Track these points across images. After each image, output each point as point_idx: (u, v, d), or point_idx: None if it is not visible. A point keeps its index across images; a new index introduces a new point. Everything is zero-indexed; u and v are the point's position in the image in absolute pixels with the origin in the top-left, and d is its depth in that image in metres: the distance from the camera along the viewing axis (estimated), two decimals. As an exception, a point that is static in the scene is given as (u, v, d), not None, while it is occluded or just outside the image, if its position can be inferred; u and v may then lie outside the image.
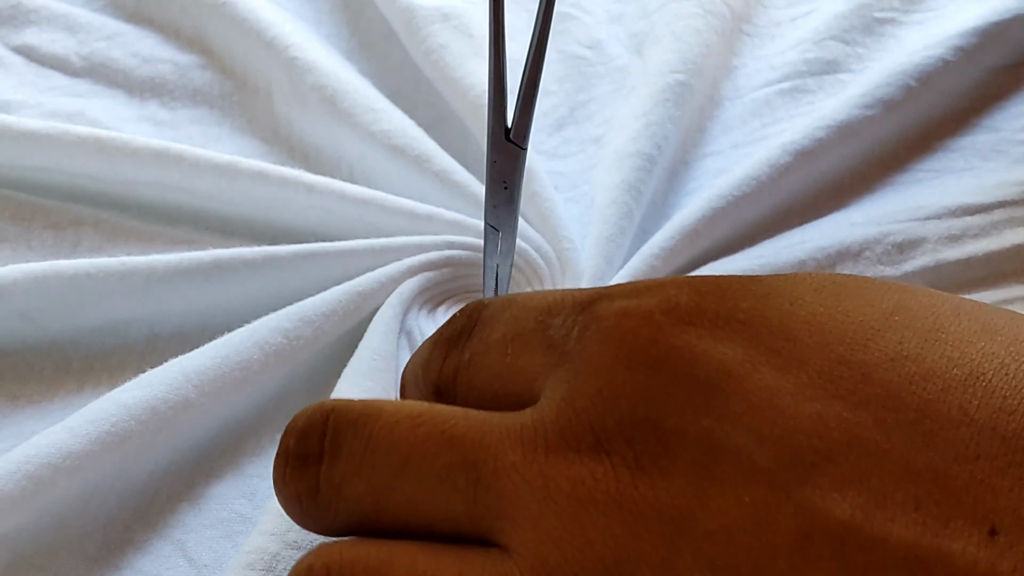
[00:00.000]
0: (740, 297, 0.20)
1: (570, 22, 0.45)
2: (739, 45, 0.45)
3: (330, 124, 0.39)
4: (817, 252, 0.34)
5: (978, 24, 0.41)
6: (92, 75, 0.43)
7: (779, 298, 0.19)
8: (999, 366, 0.18)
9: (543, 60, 0.26)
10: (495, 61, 0.26)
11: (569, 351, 0.20)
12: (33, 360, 0.33)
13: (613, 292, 0.21)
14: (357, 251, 0.34)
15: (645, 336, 0.19)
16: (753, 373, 0.18)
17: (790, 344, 0.19)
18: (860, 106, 0.38)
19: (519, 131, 0.27)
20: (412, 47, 0.42)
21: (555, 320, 0.21)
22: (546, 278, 0.34)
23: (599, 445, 0.19)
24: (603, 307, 0.20)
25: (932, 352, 0.18)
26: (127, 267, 0.32)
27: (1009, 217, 0.35)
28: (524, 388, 0.21)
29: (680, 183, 0.39)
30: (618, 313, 0.20)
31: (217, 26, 0.43)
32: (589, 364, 0.20)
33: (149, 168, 0.36)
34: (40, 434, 0.27)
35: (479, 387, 0.23)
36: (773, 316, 0.19)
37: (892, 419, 0.17)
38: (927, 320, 0.19)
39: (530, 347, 0.21)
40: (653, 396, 0.19)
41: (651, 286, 0.21)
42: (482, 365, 0.23)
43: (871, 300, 0.19)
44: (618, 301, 0.20)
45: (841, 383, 0.18)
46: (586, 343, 0.20)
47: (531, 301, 0.22)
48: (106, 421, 0.27)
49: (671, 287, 0.20)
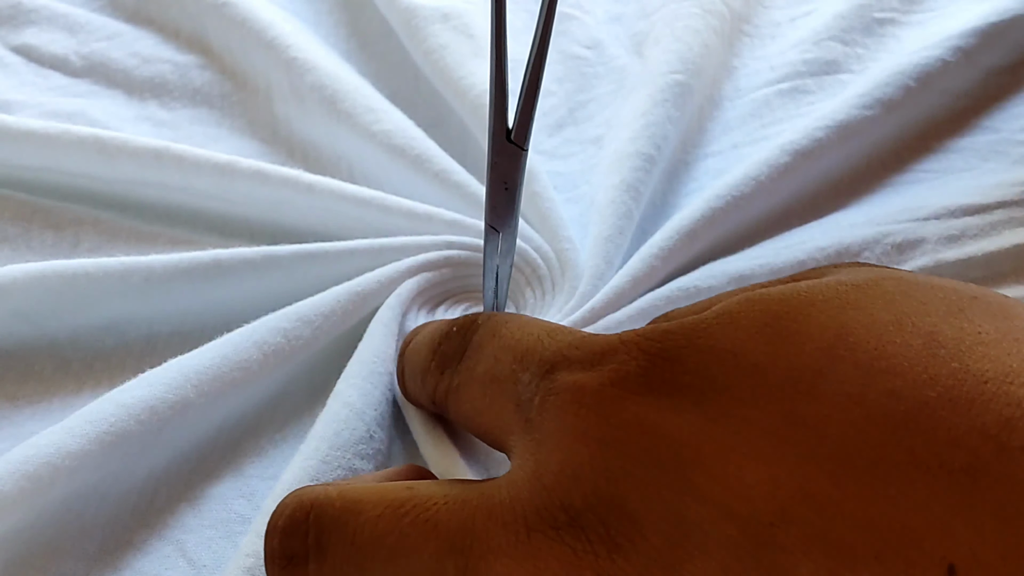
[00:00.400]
0: (686, 356, 0.20)
1: (570, 22, 0.45)
2: (739, 45, 0.45)
3: (329, 124, 0.39)
4: (817, 252, 0.34)
5: (977, 24, 0.41)
6: (92, 75, 0.43)
7: (722, 351, 0.20)
8: (942, 391, 0.17)
9: (545, 61, 0.26)
10: (496, 62, 0.26)
11: (533, 419, 0.21)
12: (32, 360, 0.33)
13: (572, 358, 0.21)
14: (357, 251, 0.34)
15: (596, 414, 0.20)
16: (706, 441, 0.19)
17: (736, 404, 0.19)
18: (859, 106, 0.38)
19: (520, 132, 0.27)
20: (412, 47, 0.42)
21: (524, 376, 0.22)
22: (546, 278, 0.34)
23: (574, 522, 0.19)
24: (561, 377, 0.21)
25: (875, 387, 0.18)
26: (126, 267, 0.32)
27: (1008, 218, 0.35)
28: (498, 436, 0.22)
29: (680, 183, 0.39)
30: (572, 388, 0.20)
31: (217, 26, 0.43)
32: (550, 439, 0.20)
33: (149, 168, 0.36)
34: (39, 434, 0.27)
35: (464, 416, 0.24)
36: (717, 374, 0.19)
37: (843, 470, 0.17)
38: (868, 347, 0.18)
39: (504, 395, 0.22)
40: (613, 474, 0.19)
41: (606, 351, 0.21)
42: (466, 398, 0.24)
43: (812, 334, 0.19)
44: (575, 372, 0.21)
45: (790, 439, 0.18)
46: (546, 416, 0.21)
47: (510, 340, 0.23)
48: (105, 421, 0.27)
49: (622, 353, 0.21)
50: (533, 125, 0.27)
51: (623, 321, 0.32)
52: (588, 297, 0.33)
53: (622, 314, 0.32)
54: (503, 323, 0.24)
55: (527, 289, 0.34)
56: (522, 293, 0.34)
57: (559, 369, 0.21)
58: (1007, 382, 0.17)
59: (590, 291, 0.33)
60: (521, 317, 0.25)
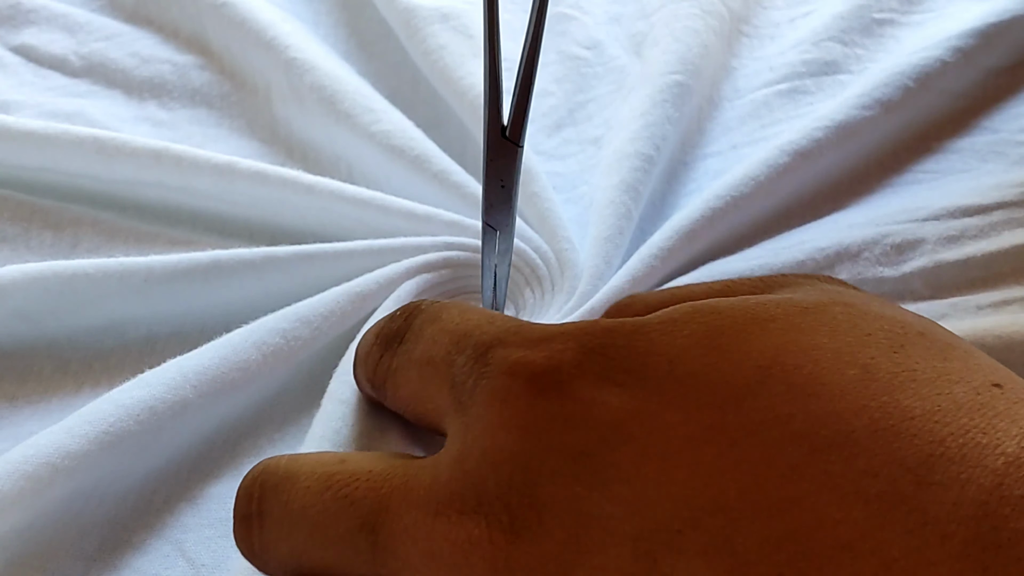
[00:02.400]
0: (622, 355, 0.20)
1: (569, 23, 0.45)
2: (738, 46, 0.45)
3: (329, 124, 0.39)
4: (816, 253, 0.34)
5: (976, 25, 0.41)
6: (91, 75, 0.43)
7: (659, 356, 0.20)
8: (868, 422, 0.18)
9: (538, 57, 0.26)
10: (490, 58, 0.26)
11: (465, 402, 0.21)
12: (31, 360, 0.33)
13: (508, 340, 0.22)
14: (356, 252, 0.34)
15: (525, 400, 0.20)
16: (626, 440, 0.19)
17: (663, 408, 0.19)
18: (858, 107, 0.38)
19: (515, 129, 0.27)
20: (411, 47, 0.42)
21: (459, 359, 0.22)
22: (545, 278, 0.34)
23: (480, 508, 0.19)
24: (496, 358, 0.21)
25: (802, 410, 0.18)
26: (126, 267, 0.32)
27: (1008, 218, 0.35)
28: (434, 419, 0.23)
29: (679, 184, 0.39)
30: (505, 371, 0.21)
31: (216, 26, 0.43)
32: (477, 423, 0.20)
33: (148, 168, 0.36)
34: (38, 434, 0.27)
35: (401, 399, 0.25)
36: (650, 376, 0.19)
37: (756, 487, 0.17)
38: (803, 372, 0.19)
39: (439, 377, 0.23)
40: (529, 462, 0.19)
41: (544, 337, 0.21)
42: (403, 381, 0.24)
43: (751, 352, 0.19)
44: (511, 351, 0.21)
45: (709, 449, 0.18)
46: (477, 399, 0.21)
47: (449, 323, 0.23)
48: (104, 421, 0.27)
49: (559, 341, 0.21)
50: (528, 121, 0.27)
51: (623, 321, 0.32)
52: (587, 297, 0.33)
53: (621, 314, 0.32)
54: (444, 308, 0.24)
55: (526, 289, 0.34)
56: (521, 293, 0.34)
57: (495, 349, 0.21)
58: (933, 420, 0.18)
59: (589, 291, 0.33)
60: (463, 304, 0.25)
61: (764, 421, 0.18)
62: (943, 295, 0.34)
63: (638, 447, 0.19)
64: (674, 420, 0.19)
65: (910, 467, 0.17)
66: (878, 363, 0.19)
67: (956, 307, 0.33)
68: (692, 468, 0.18)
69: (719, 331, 0.20)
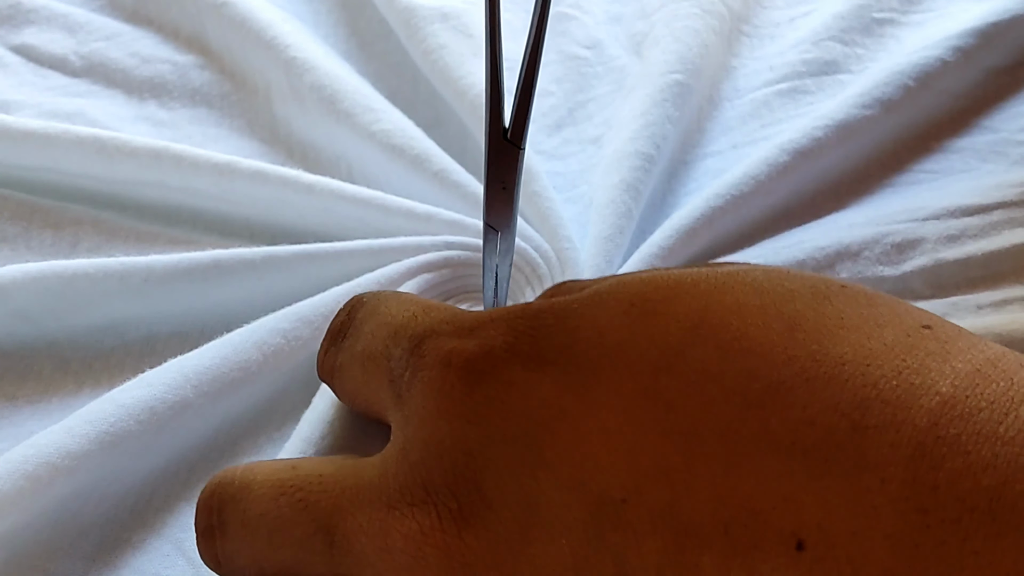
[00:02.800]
0: (553, 333, 0.20)
1: (569, 22, 0.45)
2: (738, 46, 0.45)
3: (329, 124, 0.39)
4: (816, 252, 0.34)
5: (977, 25, 0.41)
6: (91, 75, 0.43)
7: (589, 330, 0.20)
8: (799, 371, 0.18)
9: (540, 58, 0.26)
10: (491, 59, 0.26)
11: (403, 395, 0.21)
12: (31, 360, 0.33)
13: (441, 330, 0.22)
14: (356, 251, 0.34)
15: (460, 388, 0.20)
16: (563, 419, 0.19)
17: (597, 380, 0.19)
18: (859, 106, 0.38)
19: (516, 131, 0.27)
20: (411, 47, 0.42)
21: (396, 351, 0.22)
22: (546, 277, 0.34)
23: (428, 499, 0.20)
24: (429, 349, 0.21)
25: (733, 366, 0.18)
26: (126, 267, 0.32)
27: (1008, 218, 0.35)
28: (379, 412, 0.23)
29: (679, 183, 0.39)
30: (439, 362, 0.21)
31: (216, 26, 0.43)
32: (417, 415, 0.21)
33: (148, 168, 0.36)
34: (38, 434, 0.27)
35: (348, 394, 0.25)
36: (581, 351, 0.20)
37: (696, 446, 0.18)
38: (731, 328, 0.19)
39: (379, 372, 0.23)
40: (471, 450, 0.19)
41: (475, 325, 0.21)
42: (347, 376, 0.25)
43: (678, 314, 0.19)
44: (444, 341, 0.21)
45: (646, 415, 0.18)
46: (414, 391, 0.21)
47: (387, 316, 0.24)
48: (104, 421, 0.27)
49: (490, 327, 0.21)
50: (529, 123, 0.27)
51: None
52: (588, 297, 0.33)
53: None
54: (383, 301, 0.25)
55: (527, 288, 0.34)
56: (523, 292, 0.34)
57: (428, 340, 0.21)
58: (864, 364, 0.18)
59: (590, 291, 0.33)
60: (402, 295, 0.25)
61: (696, 382, 0.18)
62: (943, 294, 0.34)
63: (575, 424, 0.19)
64: (609, 392, 0.19)
65: (845, 412, 0.17)
66: (804, 315, 0.19)
67: (957, 306, 0.33)
68: (630, 437, 0.18)
69: (643, 298, 0.20)
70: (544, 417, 0.19)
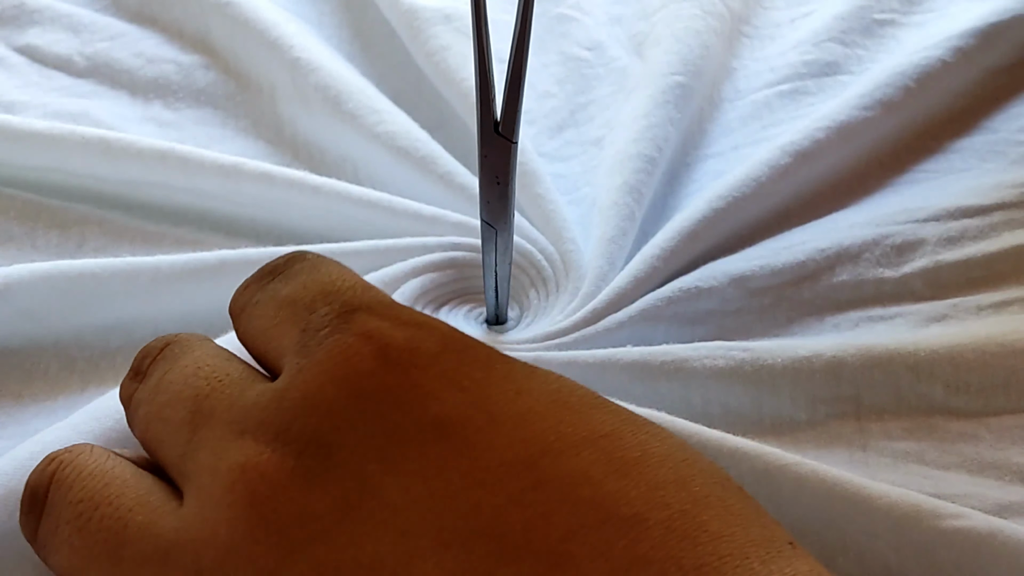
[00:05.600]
0: (480, 365, 0.21)
1: (570, 24, 0.45)
2: (738, 47, 0.45)
3: (334, 125, 0.39)
4: (816, 253, 0.35)
5: (977, 25, 0.41)
6: (96, 75, 0.43)
7: (510, 383, 0.20)
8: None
9: (527, 49, 0.26)
10: (479, 54, 0.26)
11: (310, 347, 0.21)
12: (38, 359, 0.33)
13: (378, 311, 0.22)
14: (362, 252, 0.34)
15: (367, 365, 0.20)
16: (441, 441, 0.19)
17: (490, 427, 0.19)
18: (859, 107, 0.39)
19: (507, 124, 0.26)
20: (414, 49, 0.42)
21: (322, 308, 0.22)
22: (550, 279, 0.35)
23: (273, 442, 0.20)
24: (358, 320, 0.21)
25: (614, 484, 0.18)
26: (132, 267, 0.33)
27: (1008, 219, 0.35)
28: (274, 358, 0.23)
29: (681, 184, 0.39)
30: (362, 333, 0.21)
31: (220, 27, 0.43)
32: (314, 367, 0.21)
33: (154, 169, 0.36)
34: (44, 431, 0.27)
35: (250, 332, 0.25)
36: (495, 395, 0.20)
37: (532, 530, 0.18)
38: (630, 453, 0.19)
39: (294, 319, 0.23)
40: (340, 423, 0.20)
41: (413, 321, 0.22)
42: (258, 314, 0.24)
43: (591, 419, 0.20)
44: (376, 321, 0.21)
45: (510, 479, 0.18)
46: (324, 348, 0.21)
47: (326, 276, 0.24)
48: (110, 418, 0.28)
49: (426, 329, 0.21)
50: (520, 116, 0.27)
51: (624, 322, 0.32)
52: (591, 298, 0.33)
53: (623, 314, 0.33)
54: (327, 263, 0.25)
55: (531, 290, 0.35)
56: (526, 294, 0.35)
57: (360, 313, 0.22)
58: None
59: (593, 292, 0.33)
60: (347, 268, 0.25)
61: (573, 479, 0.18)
62: (944, 296, 0.34)
63: (448, 451, 0.19)
64: (494, 441, 0.19)
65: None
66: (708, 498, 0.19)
67: (957, 308, 0.33)
68: (481, 489, 0.18)
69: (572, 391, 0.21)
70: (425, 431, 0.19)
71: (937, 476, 0.29)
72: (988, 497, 0.28)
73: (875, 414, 0.30)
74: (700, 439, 0.27)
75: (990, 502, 0.28)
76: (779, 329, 0.34)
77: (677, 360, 0.31)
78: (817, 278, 0.34)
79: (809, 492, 0.26)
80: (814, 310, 0.34)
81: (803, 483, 0.26)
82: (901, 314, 0.34)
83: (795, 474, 0.26)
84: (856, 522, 0.26)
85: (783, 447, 0.28)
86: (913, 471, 0.29)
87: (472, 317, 0.34)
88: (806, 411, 0.31)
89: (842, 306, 0.34)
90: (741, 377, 0.31)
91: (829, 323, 0.34)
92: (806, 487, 0.26)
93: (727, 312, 0.34)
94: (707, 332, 0.33)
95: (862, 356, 0.31)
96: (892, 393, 0.30)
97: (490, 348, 0.22)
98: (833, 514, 0.26)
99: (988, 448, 0.29)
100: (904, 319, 0.33)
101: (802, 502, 0.26)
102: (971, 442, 0.30)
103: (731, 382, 0.31)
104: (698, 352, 0.31)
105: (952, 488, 0.28)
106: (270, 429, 0.20)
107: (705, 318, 0.34)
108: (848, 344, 0.31)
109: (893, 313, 0.34)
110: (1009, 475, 0.29)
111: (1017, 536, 0.24)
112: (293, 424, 0.20)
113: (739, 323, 0.34)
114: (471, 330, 0.33)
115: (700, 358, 0.31)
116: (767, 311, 0.34)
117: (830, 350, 0.31)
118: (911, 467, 0.29)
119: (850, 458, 0.30)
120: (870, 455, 0.30)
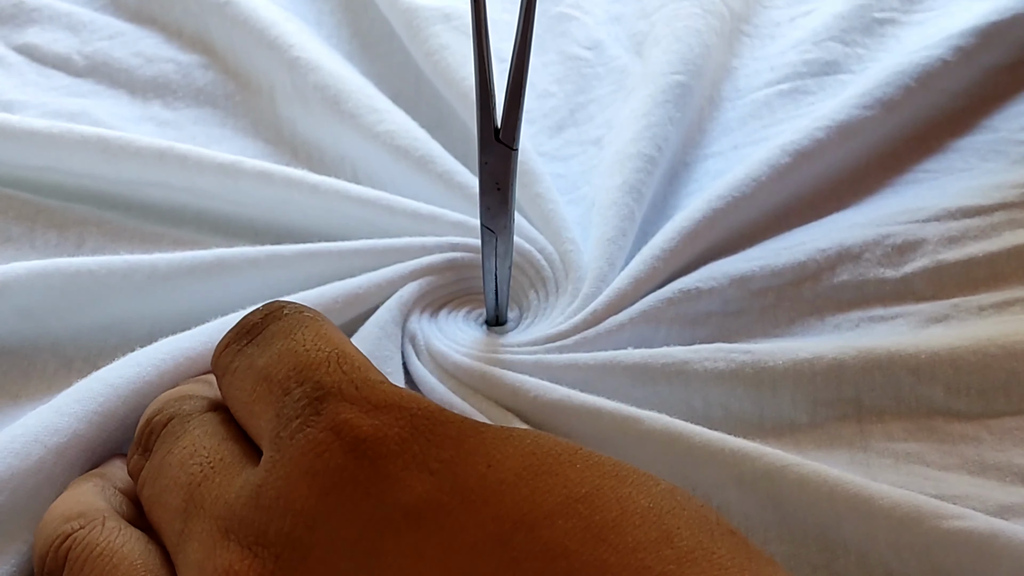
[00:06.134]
0: (449, 445, 0.20)
1: (570, 23, 0.45)
2: (739, 46, 0.45)
3: (333, 124, 0.39)
4: (817, 254, 0.35)
5: (977, 24, 0.41)
6: (94, 75, 0.43)
7: (480, 457, 0.20)
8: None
9: (528, 59, 0.26)
10: (479, 61, 0.25)
11: (283, 438, 0.21)
12: (35, 358, 0.33)
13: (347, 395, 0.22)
14: (360, 251, 0.34)
15: (337, 461, 0.20)
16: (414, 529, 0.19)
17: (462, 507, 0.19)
18: (859, 106, 0.39)
19: (508, 131, 0.26)
20: (414, 48, 0.42)
21: (295, 391, 0.22)
22: (549, 280, 0.35)
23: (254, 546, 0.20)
24: (328, 411, 0.21)
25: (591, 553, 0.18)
26: (130, 265, 0.32)
27: (1009, 219, 0.35)
28: (255, 434, 0.23)
29: (680, 184, 0.39)
30: (331, 428, 0.21)
31: (219, 26, 0.43)
32: (287, 464, 0.21)
33: (152, 168, 0.36)
34: (28, 415, 0.27)
35: (232, 401, 0.24)
36: (460, 475, 0.20)
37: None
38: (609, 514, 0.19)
39: (269, 399, 0.23)
40: (315, 523, 0.20)
41: (381, 404, 0.21)
42: (238, 385, 0.24)
43: (568, 480, 0.20)
44: (344, 410, 0.21)
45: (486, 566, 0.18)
46: (295, 443, 0.21)
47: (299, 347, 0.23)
48: (92, 400, 0.27)
49: (395, 413, 0.21)
50: (521, 123, 0.27)
51: (625, 323, 0.32)
52: (591, 299, 0.33)
53: (624, 315, 0.32)
54: (302, 325, 0.24)
55: (531, 291, 0.35)
56: (526, 295, 0.35)
57: (330, 401, 0.21)
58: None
59: (593, 293, 0.33)
60: (325, 326, 0.24)
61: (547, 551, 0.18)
62: (945, 296, 0.34)
63: (421, 539, 0.19)
64: (465, 523, 0.19)
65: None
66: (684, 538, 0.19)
67: (958, 308, 0.33)
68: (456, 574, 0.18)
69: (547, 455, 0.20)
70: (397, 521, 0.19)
71: (938, 477, 0.29)
72: (989, 498, 0.28)
73: (876, 416, 0.30)
74: (701, 441, 0.27)
75: (991, 503, 0.28)
76: (780, 329, 0.34)
77: (678, 363, 0.31)
78: (818, 278, 0.34)
79: (810, 493, 0.26)
80: (815, 310, 0.34)
81: (804, 484, 0.26)
82: (902, 314, 0.33)
83: (796, 475, 0.26)
84: (857, 523, 0.26)
85: (784, 449, 0.28)
86: (914, 472, 0.29)
87: (472, 318, 0.34)
88: (807, 413, 0.31)
89: (843, 306, 0.34)
90: (742, 380, 0.31)
91: (830, 323, 0.34)
92: (807, 488, 0.26)
93: (728, 313, 0.34)
94: (708, 333, 0.33)
95: (863, 358, 0.30)
96: (893, 395, 0.30)
97: (462, 419, 0.21)
98: (834, 515, 0.26)
99: (989, 449, 0.29)
100: (905, 319, 0.33)
101: (803, 503, 0.26)
102: (972, 443, 0.30)
103: (732, 385, 0.31)
104: (699, 354, 0.31)
105: (953, 489, 0.28)
106: (251, 531, 0.20)
107: (706, 319, 0.34)
108: (849, 346, 0.31)
109: (894, 313, 0.34)
110: (1010, 476, 0.29)
111: (1018, 537, 0.24)
112: (270, 526, 0.20)
113: (740, 324, 0.34)
114: (471, 331, 0.33)
115: (701, 360, 0.31)
116: (768, 311, 0.34)
117: (831, 352, 0.31)
118: (912, 468, 0.29)
119: (851, 459, 0.30)
120: (871, 456, 0.30)
